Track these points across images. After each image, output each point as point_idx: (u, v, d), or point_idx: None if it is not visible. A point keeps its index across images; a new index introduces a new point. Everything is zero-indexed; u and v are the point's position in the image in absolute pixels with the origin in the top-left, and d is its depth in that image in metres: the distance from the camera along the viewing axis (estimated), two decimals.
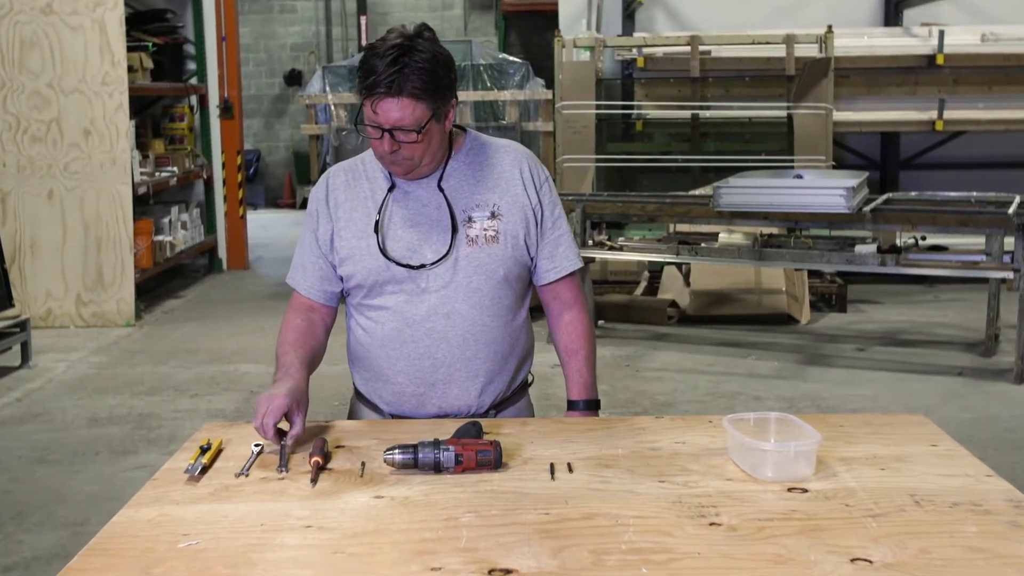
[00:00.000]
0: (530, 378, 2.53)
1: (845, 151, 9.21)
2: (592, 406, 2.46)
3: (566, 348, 2.47)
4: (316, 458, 1.99)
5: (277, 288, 9.16)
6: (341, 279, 2.39)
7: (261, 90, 16.02)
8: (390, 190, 2.33)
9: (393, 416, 2.39)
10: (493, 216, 2.32)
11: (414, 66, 2.12)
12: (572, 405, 2.46)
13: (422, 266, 2.29)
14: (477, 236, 2.30)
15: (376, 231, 2.31)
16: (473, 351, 2.32)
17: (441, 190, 2.31)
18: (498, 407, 2.41)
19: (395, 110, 2.14)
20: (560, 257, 2.41)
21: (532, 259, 2.39)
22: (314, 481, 1.93)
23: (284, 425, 2.12)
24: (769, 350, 6.73)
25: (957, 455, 2.05)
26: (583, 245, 6.74)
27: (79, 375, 6.37)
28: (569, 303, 2.47)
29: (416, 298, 2.30)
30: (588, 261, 7.01)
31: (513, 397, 2.45)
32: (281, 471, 1.99)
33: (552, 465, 1.99)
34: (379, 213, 2.32)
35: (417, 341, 2.31)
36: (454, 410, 2.36)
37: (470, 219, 2.31)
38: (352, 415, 2.50)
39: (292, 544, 1.68)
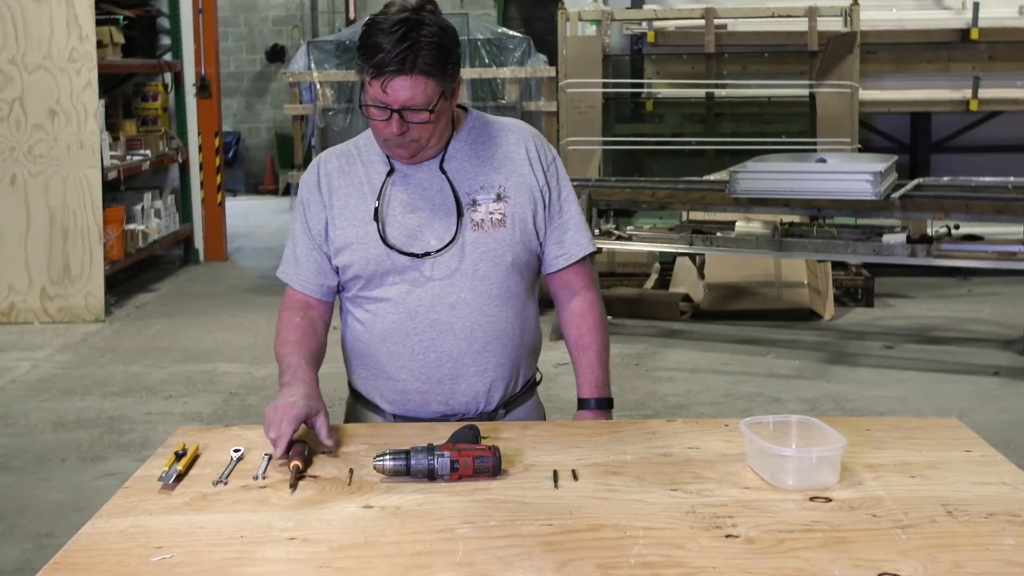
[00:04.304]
0: (538, 376, 2.53)
1: (872, 133, 9.20)
2: (604, 405, 2.46)
3: (576, 342, 2.47)
4: (295, 462, 1.99)
5: (258, 281, 9.16)
6: (337, 272, 2.39)
7: (241, 67, 15.99)
8: (389, 174, 2.34)
9: (396, 417, 2.39)
10: (499, 198, 2.33)
11: (424, 41, 2.14)
12: (583, 404, 2.46)
13: (426, 254, 2.30)
14: (483, 220, 2.32)
15: (376, 218, 2.31)
16: (482, 343, 2.33)
17: (444, 172, 2.32)
18: (507, 406, 2.42)
19: (406, 89, 2.16)
20: (569, 242, 2.42)
21: (540, 244, 2.40)
22: (293, 487, 1.93)
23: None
24: (790, 348, 6.74)
25: (993, 461, 2.05)
26: None
27: (44, 375, 6.37)
28: (580, 292, 2.47)
29: (419, 288, 2.31)
30: (594, 252, 7.00)
31: (523, 396, 2.45)
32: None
33: (555, 472, 1.99)
34: (378, 199, 2.32)
35: (420, 334, 2.32)
36: (462, 408, 2.36)
37: (475, 202, 2.32)
38: (349, 419, 2.48)
39: (274, 558, 1.68)
